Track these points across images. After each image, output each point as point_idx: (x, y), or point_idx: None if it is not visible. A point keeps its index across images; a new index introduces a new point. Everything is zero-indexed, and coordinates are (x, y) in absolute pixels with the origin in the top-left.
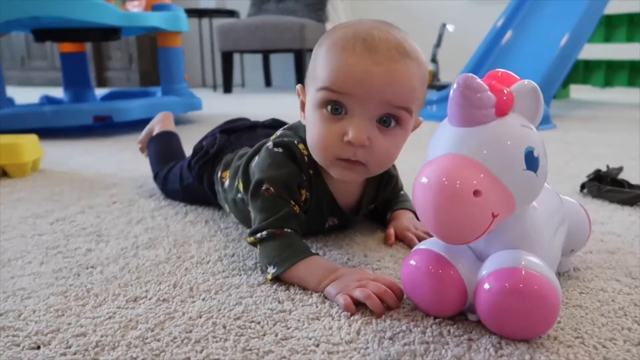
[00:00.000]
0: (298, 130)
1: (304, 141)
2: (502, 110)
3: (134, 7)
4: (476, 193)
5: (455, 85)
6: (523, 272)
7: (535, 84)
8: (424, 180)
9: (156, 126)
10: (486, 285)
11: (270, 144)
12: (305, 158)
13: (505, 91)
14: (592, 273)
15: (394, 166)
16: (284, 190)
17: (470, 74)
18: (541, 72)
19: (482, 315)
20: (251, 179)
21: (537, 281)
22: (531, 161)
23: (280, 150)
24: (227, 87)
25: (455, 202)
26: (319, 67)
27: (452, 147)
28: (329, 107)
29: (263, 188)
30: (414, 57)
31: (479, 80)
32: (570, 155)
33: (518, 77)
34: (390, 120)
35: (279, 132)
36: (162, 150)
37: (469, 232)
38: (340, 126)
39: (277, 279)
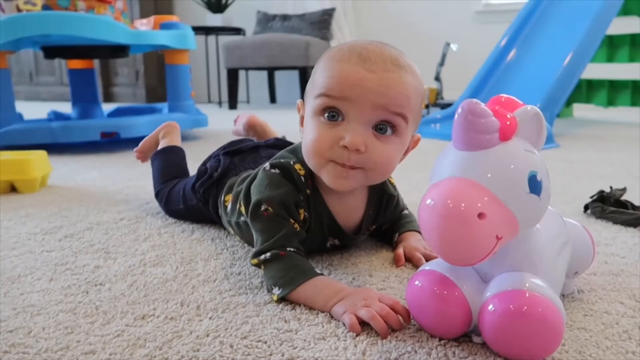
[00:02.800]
0: (298, 152)
1: (301, 162)
2: (505, 134)
3: (142, 26)
4: (480, 216)
5: (459, 110)
6: (527, 295)
7: (538, 110)
8: (429, 202)
9: (162, 140)
10: (490, 307)
11: (267, 165)
12: (302, 178)
13: (508, 116)
14: (596, 295)
15: (394, 186)
16: (282, 209)
17: (475, 100)
18: (545, 91)
19: (486, 336)
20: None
21: (541, 303)
22: (534, 185)
23: (276, 171)
24: (233, 104)
25: (460, 224)
26: (317, 78)
27: (457, 170)
28: (326, 115)
29: (262, 209)
30: (408, 70)
31: (482, 105)
32: (573, 175)
33: (521, 103)
34: (386, 127)
35: (278, 154)
36: (165, 167)
37: (473, 254)
38: (337, 132)
39: (283, 299)
